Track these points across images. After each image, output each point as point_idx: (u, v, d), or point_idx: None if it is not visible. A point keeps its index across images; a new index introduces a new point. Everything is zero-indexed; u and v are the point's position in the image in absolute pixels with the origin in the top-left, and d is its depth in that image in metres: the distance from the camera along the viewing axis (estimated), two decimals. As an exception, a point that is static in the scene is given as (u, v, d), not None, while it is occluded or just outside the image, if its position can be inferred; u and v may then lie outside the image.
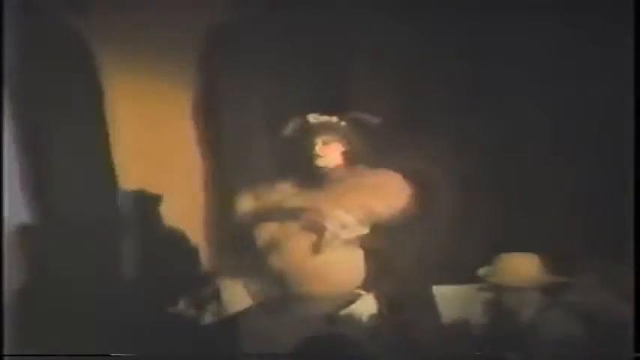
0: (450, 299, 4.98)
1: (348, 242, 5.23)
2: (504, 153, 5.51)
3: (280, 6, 5.88)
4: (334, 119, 5.45)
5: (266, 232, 5.33)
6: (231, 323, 4.81)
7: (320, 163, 5.38)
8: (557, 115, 5.36)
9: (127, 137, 5.72)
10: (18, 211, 5.30)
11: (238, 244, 5.40)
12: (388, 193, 5.26)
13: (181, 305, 5.33)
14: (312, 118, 5.43)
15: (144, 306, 5.26)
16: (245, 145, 6.13)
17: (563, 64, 5.34)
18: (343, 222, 5.23)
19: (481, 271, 4.87)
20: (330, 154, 5.40)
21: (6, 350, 4.73)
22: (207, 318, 5.07)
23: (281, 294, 5.18)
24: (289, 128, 5.44)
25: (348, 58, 5.92)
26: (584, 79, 5.30)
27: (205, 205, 6.18)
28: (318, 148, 5.39)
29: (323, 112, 5.52)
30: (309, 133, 5.39)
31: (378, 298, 5.03)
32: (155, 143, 5.94)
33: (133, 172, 5.74)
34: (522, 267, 4.80)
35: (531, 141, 5.47)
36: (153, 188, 5.91)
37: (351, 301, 4.96)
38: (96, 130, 5.66)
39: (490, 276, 4.83)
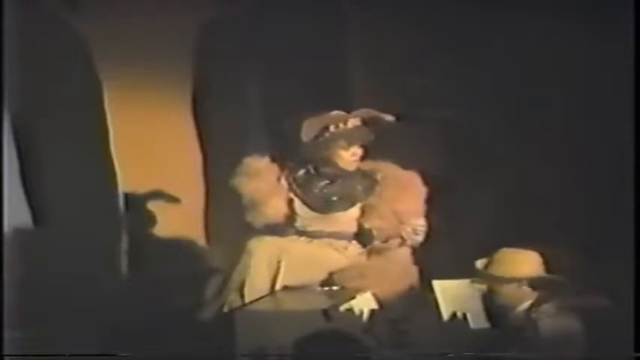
0: (451, 294, 4.98)
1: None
2: (504, 149, 5.51)
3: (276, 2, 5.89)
4: (360, 122, 5.36)
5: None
6: (230, 319, 4.79)
7: (353, 166, 5.33)
8: (556, 114, 5.36)
9: (126, 136, 5.72)
10: (18, 211, 5.30)
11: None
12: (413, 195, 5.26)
13: (187, 300, 5.34)
14: (354, 122, 5.33)
15: (144, 305, 5.27)
16: (246, 141, 6.14)
17: (563, 63, 5.34)
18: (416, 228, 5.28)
19: (478, 264, 4.86)
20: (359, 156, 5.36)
21: (6, 350, 4.72)
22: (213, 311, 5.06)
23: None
24: (319, 127, 5.35)
25: (345, 55, 5.93)
26: (584, 77, 5.30)
27: (206, 203, 6.22)
28: (358, 152, 5.32)
29: (323, 109, 5.49)
30: (348, 138, 5.31)
31: (377, 294, 5.02)
32: (154, 141, 5.95)
33: (132, 170, 5.76)
34: (520, 263, 4.79)
35: (530, 138, 5.47)
36: (152, 187, 5.93)
37: (351, 297, 4.95)
38: (95, 128, 5.67)
39: (487, 269, 4.81)
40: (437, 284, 4.98)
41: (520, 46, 5.42)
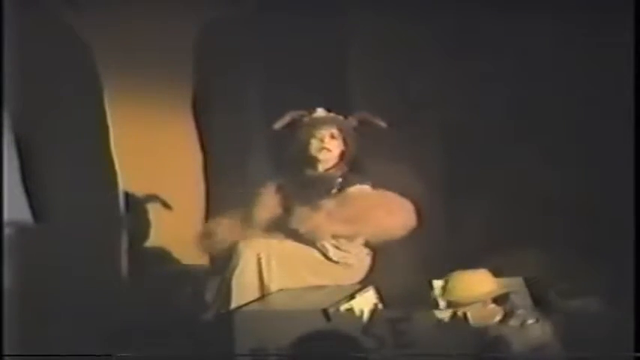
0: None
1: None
2: (503, 151, 5.51)
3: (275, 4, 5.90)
4: (340, 117, 5.38)
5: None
6: (230, 320, 4.80)
7: (324, 156, 5.31)
8: (556, 114, 5.36)
9: (126, 136, 5.73)
10: (18, 211, 5.30)
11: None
12: (392, 213, 5.20)
13: (186, 300, 5.34)
14: (321, 111, 5.35)
15: (144, 305, 5.27)
16: (245, 143, 6.15)
17: (563, 62, 5.34)
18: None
19: (436, 290, 4.90)
20: (334, 149, 5.33)
21: (6, 350, 4.72)
22: (212, 312, 5.06)
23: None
24: (287, 119, 5.37)
25: (344, 56, 5.93)
26: (584, 77, 5.30)
27: (205, 203, 6.21)
28: (327, 140, 5.31)
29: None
30: (315, 125, 5.32)
31: (378, 293, 5.03)
32: (154, 142, 5.96)
33: (132, 171, 5.76)
34: (475, 284, 4.80)
35: (530, 138, 5.48)
36: (152, 187, 5.94)
37: (352, 297, 4.95)
38: (95, 129, 5.67)
39: (445, 295, 4.84)
40: (437, 284, 4.99)
41: (520, 46, 5.43)
